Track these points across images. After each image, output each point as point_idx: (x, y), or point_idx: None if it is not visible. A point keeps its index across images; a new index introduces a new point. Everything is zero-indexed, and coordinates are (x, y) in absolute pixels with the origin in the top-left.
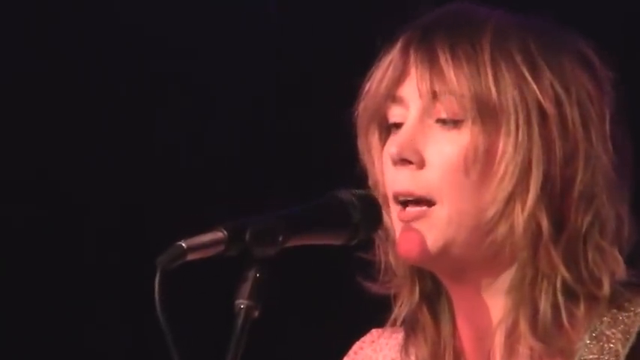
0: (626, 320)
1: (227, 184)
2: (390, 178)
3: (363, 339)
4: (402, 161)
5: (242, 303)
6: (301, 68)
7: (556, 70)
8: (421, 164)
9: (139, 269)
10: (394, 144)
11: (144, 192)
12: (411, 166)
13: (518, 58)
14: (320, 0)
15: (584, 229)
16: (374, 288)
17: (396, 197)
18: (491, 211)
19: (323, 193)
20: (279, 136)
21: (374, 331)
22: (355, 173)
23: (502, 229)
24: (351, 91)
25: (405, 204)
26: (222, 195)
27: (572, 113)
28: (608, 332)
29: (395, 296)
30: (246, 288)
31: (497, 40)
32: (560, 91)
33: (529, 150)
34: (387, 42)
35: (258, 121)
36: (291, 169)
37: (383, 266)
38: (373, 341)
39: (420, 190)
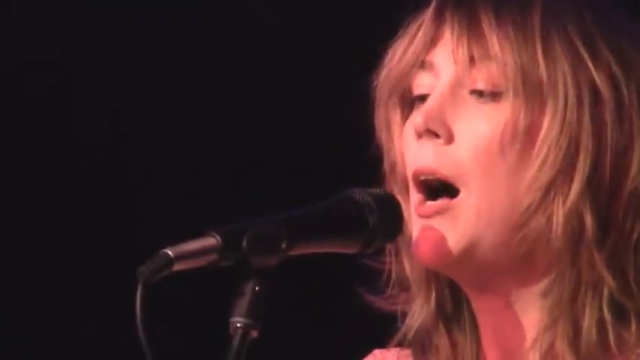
0: None
1: (221, 186)
2: (412, 154)
3: None
4: (428, 133)
5: (238, 322)
6: (298, 68)
7: (615, 48)
8: (449, 139)
9: (124, 276)
10: (420, 113)
11: (132, 193)
12: (438, 140)
13: (572, 30)
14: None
15: (635, 235)
16: (379, 303)
17: (416, 177)
18: (526, 201)
19: (330, 194)
20: (279, 136)
21: (376, 352)
22: (362, 175)
23: (537, 223)
24: (354, 89)
25: (425, 189)
26: (217, 198)
27: (630, 98)
28: None
29: (403, 315)
30: (243, 304)
31: (549, 7)
32: (617, 71)
33: (577, 133)
34: (415, 10)
35: (257, 120)
36: (291, 171)
37: (394, 276)
38: None
39: (445, 169)
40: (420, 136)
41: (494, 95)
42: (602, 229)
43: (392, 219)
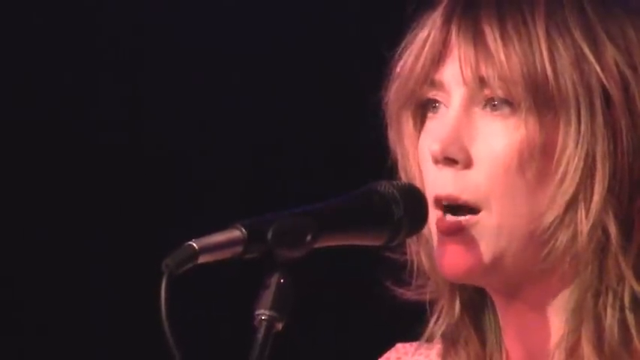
0: None
1: (249, 181)
2: (431, 178)
3: (386, 355)
4: (446, 160)
5: (263, 314)
6: (312, 66)
7: (620, 43)
8: (468, 163)
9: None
10: (436, 139)
11: (148, 190)
12: (457, 165)
13: (577, 32)
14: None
15: None
16: (407, 294)
17: (438, 201)
18: (549, 218)
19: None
20: (309, 130)
21: (399, 346)
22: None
23: (563, 239)
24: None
25: (446, 209)
26: (238, 194)
27: None
28: None
29: (431, 303)
30: (268, 296)
31: (552, 9)
32: (625, 69)
33: (593, 143)
34: (423, 8)
35: (275, 117)
36: (307, 168)
37: (415, 268)
38: (399, 358)
39: (466, 195)
40: (437, 162)
41: (508, 105)
42: (626, 235)
43: (417, 211)
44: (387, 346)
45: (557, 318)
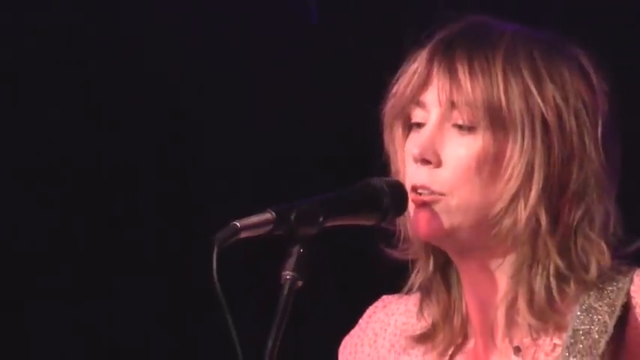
0: (611, 295)
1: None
2: (410, 172)
3: (375, 304)
4: (422, 160)
5: (288, 274)
6: (334, 67)
7: (558, 82)
8: (438, 164)
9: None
10: (416, 145)
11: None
12: (430, 165)
13: (526, 72)
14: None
15: (575, 223)
16: (394, 254)
17: (414, 189)
18: (497, 207)
19: (355, 181)
20: (313, 133)
21: (384, 297)
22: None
23: (506, 223)
24: (380, 91)
25: (420, 194)
26: (273, 187)
27: (570, 122)
28: (595, 305)
29: (413, 262)
30: (291, 261)
31: (508, 54)
32: (560, 102)
33: (532, 156)
34: (415, 46)
35: (294, 118)
36: (327, 163)
37: (402, 236)
38: (385, 306)
39: (435, 186)
40: (416, 161)
41: (471, 129)
42: (554, 222)
43: (400, 200)
44: (376, 298)
45: (500, 279)
